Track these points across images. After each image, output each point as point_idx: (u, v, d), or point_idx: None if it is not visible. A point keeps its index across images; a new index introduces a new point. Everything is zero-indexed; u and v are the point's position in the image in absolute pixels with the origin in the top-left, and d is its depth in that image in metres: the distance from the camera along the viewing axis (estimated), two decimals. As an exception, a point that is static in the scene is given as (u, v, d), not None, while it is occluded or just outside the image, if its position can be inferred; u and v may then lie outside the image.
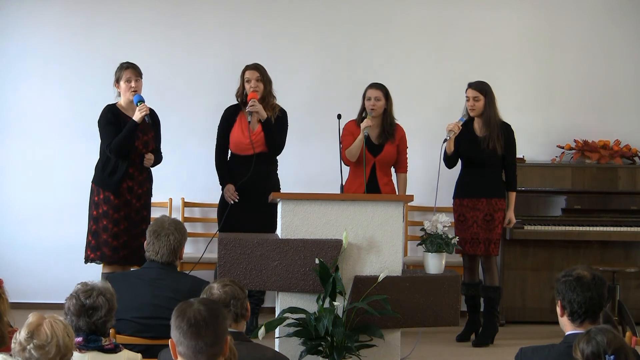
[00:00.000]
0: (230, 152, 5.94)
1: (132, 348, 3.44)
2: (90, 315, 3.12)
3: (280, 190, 5.84)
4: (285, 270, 4.55)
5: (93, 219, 5.56)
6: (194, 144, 6.89)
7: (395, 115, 5.91)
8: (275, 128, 5.79)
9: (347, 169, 5.84)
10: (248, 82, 5.81)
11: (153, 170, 5.73)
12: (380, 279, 4.46)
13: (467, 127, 5.94)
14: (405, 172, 5.98)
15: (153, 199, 5.77)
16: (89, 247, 5.57)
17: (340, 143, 5.67)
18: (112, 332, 3.56)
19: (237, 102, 5.92)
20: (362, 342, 4.44)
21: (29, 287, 6.62)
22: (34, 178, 6.93)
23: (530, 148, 6.90)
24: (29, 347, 2.57)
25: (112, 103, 5.69)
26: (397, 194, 5.87)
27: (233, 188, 5.80)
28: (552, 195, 6.69)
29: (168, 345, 2.61)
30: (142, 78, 5.66)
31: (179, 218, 6.21)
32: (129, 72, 5.59)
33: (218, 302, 3.11)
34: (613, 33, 7.22)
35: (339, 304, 4.37)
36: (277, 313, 4.61)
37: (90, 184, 5.63)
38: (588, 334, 2.75)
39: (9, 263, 6.69)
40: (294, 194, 4.78)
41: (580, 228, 6.57)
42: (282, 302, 4.60)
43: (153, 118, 5.67)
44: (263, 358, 3.13)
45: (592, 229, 6.57)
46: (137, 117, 5.48)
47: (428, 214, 6.49)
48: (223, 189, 5.86)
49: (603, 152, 6.88)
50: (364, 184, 5.64)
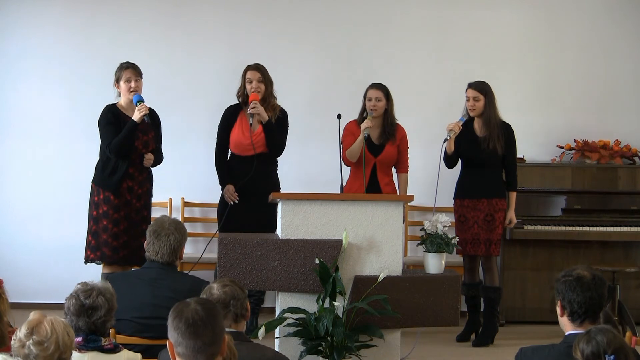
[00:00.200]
0: (231, 152, 5.93)
1: (132, 348, 3.44)
2: (90, 315, 3.12)
3: (280, 190, 5.84)
4: (285, 270, 4.55)
5: (93, 219, 5.56)
6: (194, 144, 6.89)
7: (396, 115, 5.91)
8: (276, 129, 5.79)
9: (347, 169, 5.84)
10: (249, 82, 5.80)
11: (153, 170, 5.73)
12: (380, 279, 4.45)
13: (467, 127, 5.94)
14: (406, 172, 5.98)
15: (153, 199, 5.76)
16: (89, 247, 5.56)
17: (341, 143, 5.67)
18: (112, 332, 3.56)
19: (237, 101, 5.92)
20: (362, 342, 4.44)
21: (29, 287, 6.62)
22: (34, 178, 6.93)
23: (530, 148, 6.89)
24: (29, 342, 2.56)
25: (112, 103, 5.69)
26: (397, 194, 5.86)
27: (233, 188, 5.80)
28: (552, 195, 6.69)
29: (167, 346, 2.62)
30: (142, 78, 5.65)
31: (179, 218, 6.20)
32: (129, 72, 5.58)
33: (215, 301, 3.11)
34: (613, 33, 7.22)
35: (339, 304, 4.37)
36: (277, 313, 4.61)
37: (90, 184, 5.63)
38: (588, 334, 2.75)
39: (9, 263, 6.69)
40: (294, 194, 4.78)
41: (580, 228, 6.57)
42: (282, 302, 4.60)
43: (153, 118, 5.67)
44: (263, 358, 3.13)
45: (592, 229, 6.57)
46: (136, 117, 5.47)
47: (428, 214, 6.49)
48: (223, 189, 5.87)
49: (603, 152, 6.88)
50: (365, 183, 5.64)
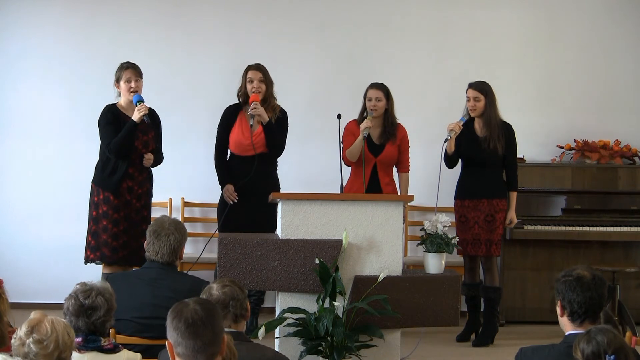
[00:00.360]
0: (230, 152, 5.93)
1: (132, 348, 3.44)
2: (89, 316, 3.12)
3: (280, 190, 5.84)
4: (285, 270, 4.55)
5: (93, 220, 5.55)
6: (194, 144, 6.89)
7: (396, 115, 5.91)
8: (276, 129, 5.79)
9: (347, 169, 5.83)
10: (250, 82, 5.79)
11: (153, 170, 5.73)
12: (380, 279, 4.45)
13: (467, 127, 5.93)
14: (407, 171, 5.97)
15: (153, 199, 5.75)
16: (89, 247, 5.56)
17: (341, 143, 5.66)
18: (112, 332, 3.56)
19: (237, 101, 5.92)
20: (362, 342, 4.44)
21: (29, 287, 6.62)
22: (34, 178, 6.93)
23: (530, 148, 6.89)
24: (28, 341, 2.56)
25: (112, 103, 5.68)
26: (397, 194, 5.86)
27: (232, 188, 5.79)
28: (552, 195, 6.69)
29: (167, 346, 2.62)
30: (142, 78, 5.65)
31: (179, 218, 6.20)
32: (129, 72, 5.58)
33: (215, 302, 3.11)
34: (613, 33, 7.22)
35: (339, 304, 4.37)
36: (277, 313, 4.61)
37: (90, 184, 5.63)
38: (588, 334, 2.75)
39: (9, 263, 6.69)
40: (294, 194, 4.77)
41: (580, 228, 6.56)
42: (282, 302, 4.60)
43: (153, 118, 5.67)
44: (263, 358, 3.13)
45: (592, 229, 6.57)
46: (135, 117, 5.47)
47: (428, 214, 6.49)
48: (222, 189, 5.86)
49: (603, 152, 6.88)
50: (365, 184, 5.64)
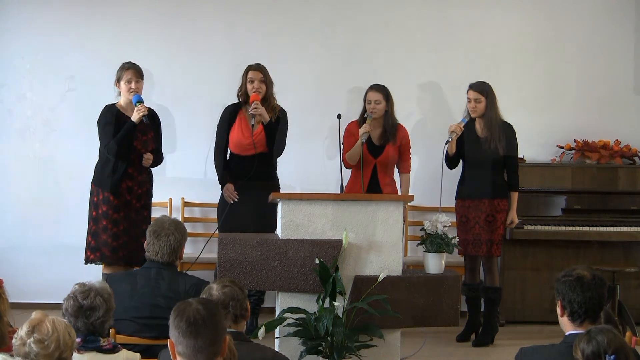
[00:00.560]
0: (230, 151, 5.92)
1: (132, 348, 3.44)
2: (88, 316, 3.12)
3: (280, 190, 5.84)
4: (285, 270, 4.55)
5: (93, 220, 5.55)
6: (194, 144, 6.88)
7: (396, 116, 5.91)
8: (277, 130, 5.78)
9: (347, 169, 5.84)
10: (251, 82, 5.79)
11: (153, 171, 5.73)
12: (380, 279, 4.45)
13: (468, 127, 5.93)
14: (408, 172, 5.98)
15: (153, 199, 5.76)
16: (89, 248, 5.56)
17: (342, 144, 5.66)
18: (112, 332, 3.56)
19: (237, 100, 5.91)
20: (362, 342, 4.44)
21: (29, 287, 6.60)
22: (34, 178, 6.93)
23: (530, 148, 6.88)
24: (29, 340, 2.56)
25: (112, 103, 5.68)
26: (397, 194, 5.86)
27: (232, 187, 5.79)
28: (552, 195, 6.68)
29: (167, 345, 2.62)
30: (143, 79, 5.65)
31: (179, 218, 6.20)
32: (130, 72, 5.58)
33: (215, 302, 3.11)
34: (613, 33, 7.21)
35: (339, 304, 4.37)
36: (277, 313, 4.60)
37: (90, 185, 5.63)
38: (588, 334, 2.75)
39: (9, 263, 6.69)
40: (294, 194, 4.77)
41: (580, 228, 6.56)
42: (282, 302, 4.60)
43: (153, 118, 5.67)
44: (263, 358, 3.13)
45: (592, 229, 6.57)
46: (135, 117, 5.47)
47: (428, 214, 6.48)
48: (222, 189, 5.86)
49: (603, 152, 6.88)
50: (363, 188, 5.64)
